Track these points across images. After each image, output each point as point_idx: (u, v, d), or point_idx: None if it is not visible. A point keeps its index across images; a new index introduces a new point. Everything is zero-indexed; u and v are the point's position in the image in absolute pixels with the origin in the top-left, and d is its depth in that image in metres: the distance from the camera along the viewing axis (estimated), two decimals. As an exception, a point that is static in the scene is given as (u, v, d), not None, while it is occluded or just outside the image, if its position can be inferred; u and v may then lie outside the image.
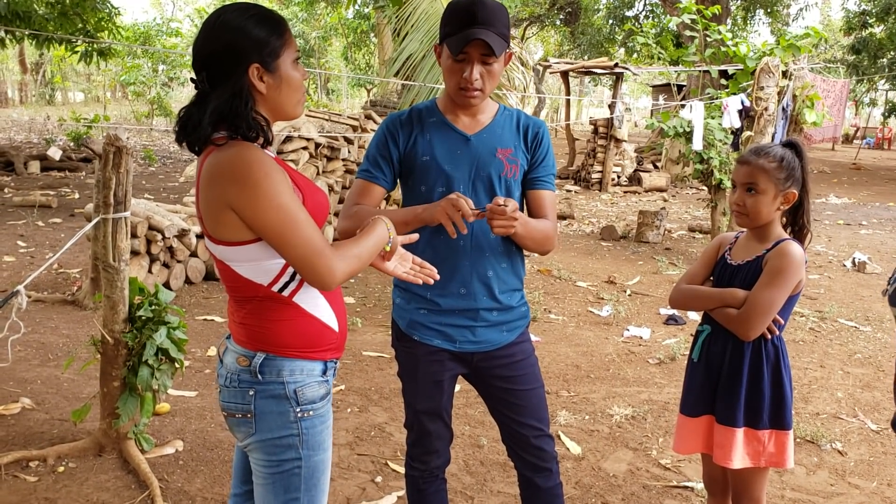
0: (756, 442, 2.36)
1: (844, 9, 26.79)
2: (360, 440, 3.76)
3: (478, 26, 2.05)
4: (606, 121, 14.95)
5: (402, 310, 2.33)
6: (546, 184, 2.29)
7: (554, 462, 2.45)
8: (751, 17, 26.32)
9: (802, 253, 2.33)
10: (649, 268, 8.08)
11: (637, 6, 28.34)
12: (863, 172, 21.38)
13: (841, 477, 3.56)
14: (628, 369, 4.96)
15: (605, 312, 6.30)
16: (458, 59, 2.11)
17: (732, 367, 2.37)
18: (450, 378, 2.35)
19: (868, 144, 32.51)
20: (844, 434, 4.02)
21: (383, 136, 2.26)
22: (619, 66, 15.27)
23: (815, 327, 6.00)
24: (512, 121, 2.29)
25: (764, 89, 7.33)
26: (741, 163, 2.38)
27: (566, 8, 28.94)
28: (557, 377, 4.76)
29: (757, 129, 7.30)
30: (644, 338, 5.67)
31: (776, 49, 8.70)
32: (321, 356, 1.84)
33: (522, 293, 2.38)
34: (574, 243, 9.41)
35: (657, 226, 9.62)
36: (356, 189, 2.26)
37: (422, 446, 2.42)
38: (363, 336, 5.35)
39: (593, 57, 24.67)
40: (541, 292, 6.80)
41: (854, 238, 10.36)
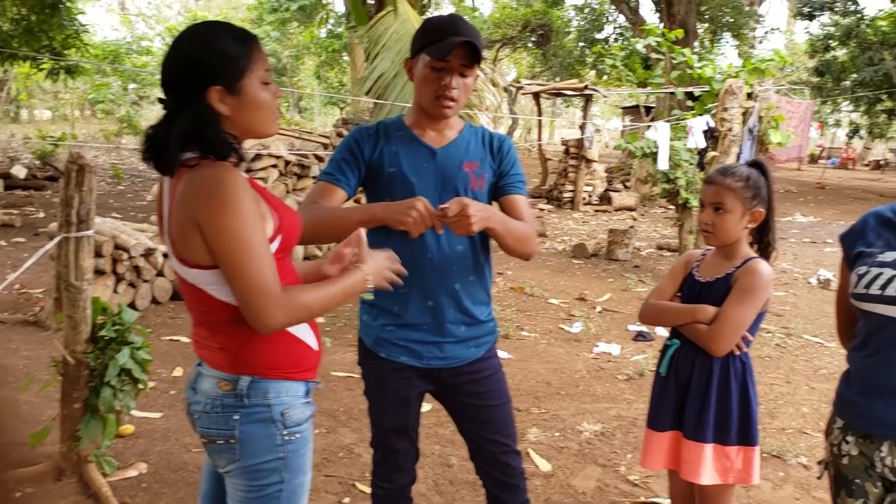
0: (724, 458, 2.38)
1: (808, 32, 27.34)
2: (327, 461, 3.72)
3: (461, 35, 2.08)
4: (577, 141, 15.07)
5: (369, 327, 2.31)
6: (517, 189, 2.29)
7: (521, 478, 2.44)
8: (717, 40, 26.79)
9: (771, 271, 2.37)
10: (619, 285, 8.13)
11: (606, 29, 28.75)
12: (828, 192, 21.74)
13: (806, 491, 3.58)
14: (598, 385, 4.97)
15: (576, 329, 6.32)
16: (438, 67, 2.11)
17: (701, 382, 2.39)
18: (416, 395, 2.34)
19: (833, 164, 33.05)
20: (809, 448, 4.05)
21: (350, 143, 2.25)
22: (588, 87, 15.42)
23: (782, 343, 6.06)
24: (478, 136, 2.30)
25: (728, 110, 7.42)
26: (709, 183, 2.41)
27: (538, 30, 29.30)
28: (528, 394, 4.75)
29: (722, 149, 7.38)
30: (614, 354, 5.69)
31: (741, 72, 8.84)
32: (303, 377, 1.81)
33: (490, 308, 2.38)
34: (546, 261, 9.45)
35: (627, 244, 9.70)
36: (317, 189, 2.22)
37: (388, 465, 2.40)
38: (332, 356, 5.31)
39: (564, 78, 24.92)
40: (513, 309, 6.81)
41: (819, 256, 10.51)
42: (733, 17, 24.35)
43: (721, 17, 24.72)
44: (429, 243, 2.17)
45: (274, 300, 1.62)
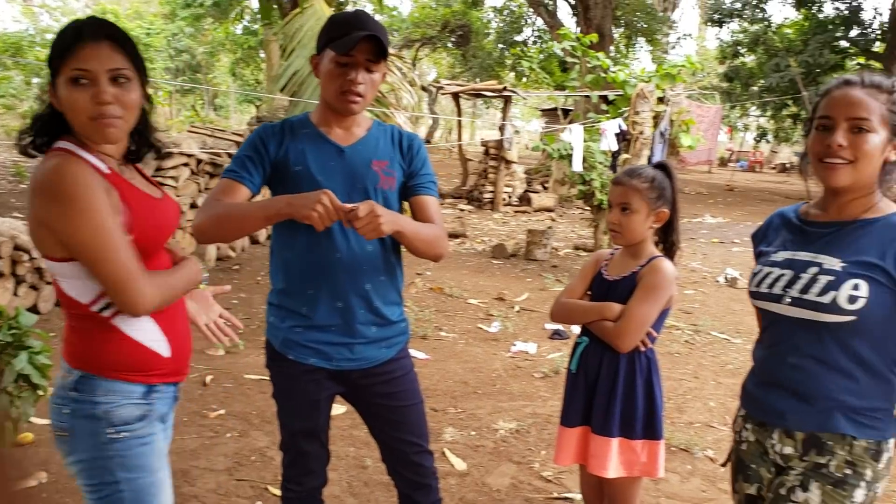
0: (630, 452, 2.43)
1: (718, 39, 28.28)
2: (239, 465, 3.65)
3: (366, 30, 2.06)
4: (497, 142, 15.21)
5: (276, 328, 2.27)
6: (427, 189, 2.28)
7: (433, 478, 2.45)
8: (633, 45, 27.44)
9: (674, 269, 2.44)
10: (537, 284, 8.24)
11: (525, 31, 29.09)
12: (736, 194, 22.52)
13: (712, 483, 3.70)
14: (514, 384, 5.02)
15: (494, 329, 6.37)
16: (343, 62, 2.09)
17: (608, 378, 2.44)
18: (326, 398, 2.31)
19: (741, 167, 34.29)
20: (716, 442, 4.19)
21: (255, 140, 2.19)
22: (507, 89, 15.58)
23: (690, 340, 6.25)
24: (387, 134, 2.28)
25: (640, 114, 7.63)
26: (615, 184, 2.48)
27: (457, 31, 29.45)
28: (445, 394, 4.76)
29: (633, 151, 7.59)
30: (530, 352, 5.76)
31: (653, 76, 9.08)
32: (144, 380, 1.78)
33: (402, 308, 2.37)
34: (466, 261, 9.50)
35: (545, 244, 9.84)
36: (220, 187, 2.16)
37: (298, 467, 2.37)
38: (246, 358, 5.22)
39: (484, 79, 25.14)
40: (432, 310, 6.82)
41: (727, 255, 10.87)
42: (647, 22, 24.99)
43: (636, 23, 25.32)
44: (338, 243, 2.14)
45: (142, 281, 1.65)
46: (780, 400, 1.88)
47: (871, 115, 1.75)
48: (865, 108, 1.75)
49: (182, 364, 1.88)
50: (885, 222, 1.80)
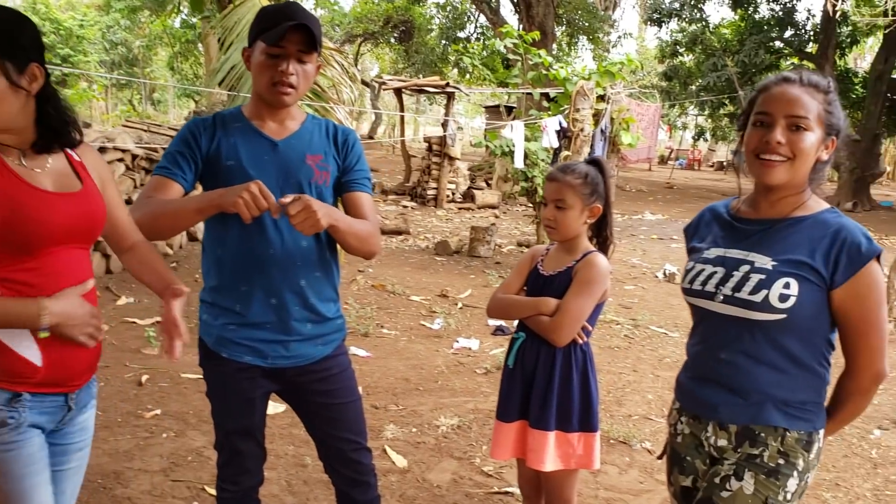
0: (567, 444, 2.45)
1: (658, 38, 28.74)
2: (175, 466, 3.59)
3: (297, 20, 2.03)
4: (440, 139, 15.21)
5: (209, 326, 2.22)
6: (362, 186, 2.26)
7: (372, 475, 2.44)
8: (574, 43, 27.71)
9: (608, 264, 2.47)
10: (480, 281, 8.27)
11: (468, 28, 29.15)
12: (675, 191, 22.97)
13: (650, 474, 3.76)
14: (456, 380, 5.03)
15: (437, 325, 6.37)
16: (274, 53, 2.06)
17: (545, 372, 2.45)
18: (262, 396, 2.28)
19: (680, 165, 34.96)
20: (654, 434, 4.26)
21: (185, 135, 2.15)
22: (450, 85, 15.59)
23: (630, 334, 6.35)
24: (321, 128, 2.26)
25: (580, 111, 7.71)
26: (549, 180, 2.50)
27: (400, 26, 29.35)
28: (387, 391, 4.75)
29: (574, 148, 7.66)
30: (473, 349, 5.78)
31: (593, 74, 9.18)
32: (10, 387, 1.74)
33: (339, 305, 2.35)
34: (409, 258, 9.48)
35: (488, 241, 9.88)
36: (151, 184, 2.11)
37: (233, 467, 2.33)
38: (183, 357, 5.08)
39: (427, 75, 25.09)
40: (374, 307, 6.78)
41: (666, 251, 11.07)
42: (588, 21, 25.23)
43: (577, 21, 25.57)
44: (271, 238, 2.11)
45: None
46: (713, 394, 1.90)
47: (810, 114, 1.76)
48: (804, 107, 1.76)
49: (63, 375, 1.81)
50: (814, 220, 1.82)
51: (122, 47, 32.58)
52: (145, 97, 37.61)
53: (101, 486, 3.33)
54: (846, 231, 1.78)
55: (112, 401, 4.27)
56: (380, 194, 16.25)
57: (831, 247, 1.77)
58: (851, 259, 1.75)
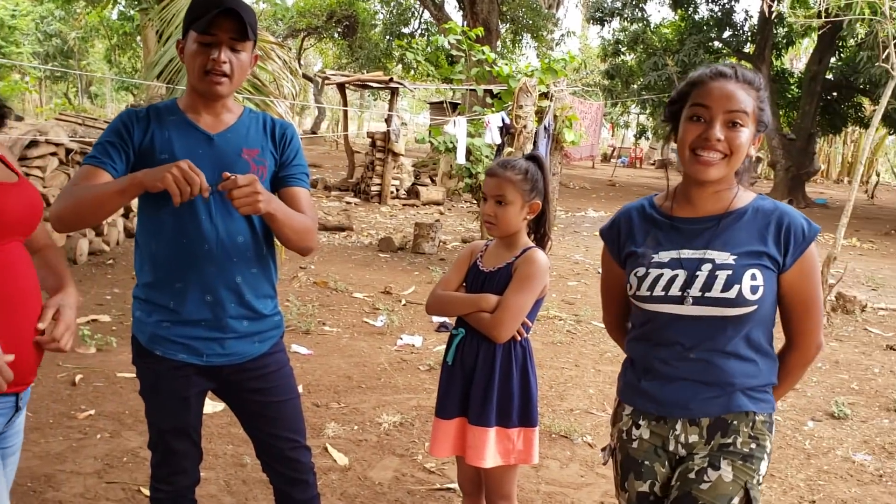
0: (507, 440, 2.46)
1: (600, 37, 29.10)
2: (110, 467, 3.49)
3: (226, 6, 1.99)
4: (384, 134, 15.15)
5: (143, 323, 2.16)
6: (299, 181, 2.22)
7: (310, 473, 2.41)
8: (519, 41, 27.86)
9: (547, 259, 2.47)
10: (424, 277, 8.26)
11: (413, 23, 29.09)
12: (618, 188, 23.30)
13: (590, 468, 3.80)
14: (399, 377, 5.01)
15: (380, 322, 6.34)
16: (205, 41, 2.01)
17: (485, 368, 2.45)
18: (197, 394, 2.23)
19: (623, 163, 35.46)
20: (595, 427, 4.31)
21: (118, 126, 2.08)
22: (394, 81, 15.54)
23: (572, 330, 6.41)
24: (258, 122, 2.21)
25: (522, 108, 7.74)
26: (489, 175, 2.49)
27: (344, 21, 29.13)
28: (328, 389, 4.70)
29: (517, 145, 7.69)
30: (416, 345, 5.77)
31: (536, 71, 9.23)
32: None
33: (276, 301, 2.31)
34: (352, 255, 9.42)
35: (433, 237, 9.88)
36: (80, 174, 2.03)
37: (168, 466, 2.28)
38: (118, 356, 4.99)
39: (371, 71, 24.95)
40: (316, 304, 6.72)
41: (609, 248, 11.20)
42: (532, 19, 25.38)
43: (521, 19, 25.70)
44: (207, 233, 2.06)
45: None
46: (682, 391, 1.88)
47: (747, 110, 1.77)
48: (741, 103, 1.77)
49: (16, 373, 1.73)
50: (753, 209, 1.86)
51: (57, 39, 31.68)
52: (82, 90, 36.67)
53: (32, 489, 3.22)
54: (788, 216, 1.83)
55: (44, 402, 4.14)
56: (323, 190, 16.12)
57: (779, 232, 1.81)
58: (797, 241, 1.81)
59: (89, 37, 32.67)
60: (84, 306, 6.07)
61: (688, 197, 1.91)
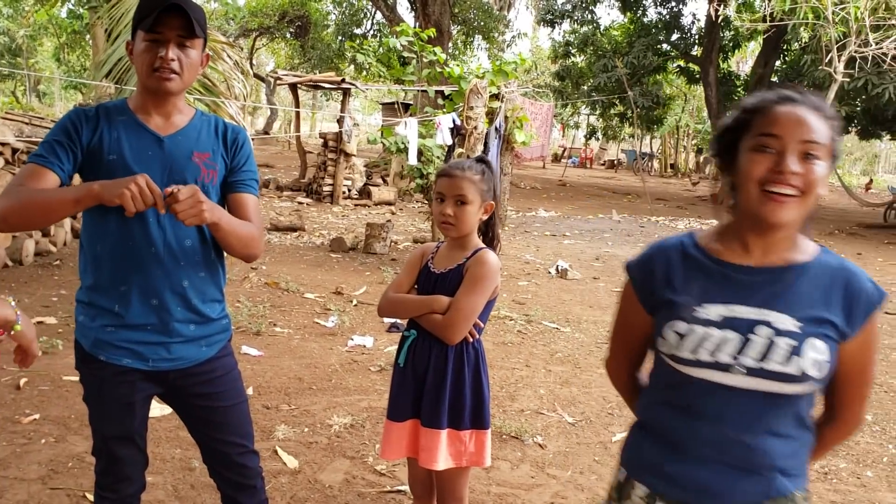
0: (458, 442, 2.47)
1: (551, 38, 29.40)
2: (55, 473, 3.42)
3: (171, 1, 1.97)
4: (336, 135, 15.09)
5: (86, 328, 2.13)
6: (248, 187, 2.21)
7: (259, 478, 2.39)
8: (470, 42, 27.98)
9: (498, 260, 2.49)
10: (376, 278, 8.24)
11: (365, 24, 29.02)
12: (568, 189, 23.55)
13: (541, 469, 3.84)
14: (350, 378, 5.00)
15: (331, 323, 6.32)
16: (153, 39, 1.99)
17: (437, 370, 2.45)
18: (142, 399, 2.20)
19: (573, 163, 35.86)
20: (545, 428, 4.35)
21: (65, 125, 2.04)
22: (346, 81, 15.49)
23: (523, 330, 6.46)
24: (210, 125, 2.19)
25: (473, 109, 7.79)
26: (446, 176, 2.47)
27: (296, 21, 28.95)
28: (279, 391, 4.67)
29: (468, 146, 7.73)
30: (367, 346, 5.76)
31: (487, 73, 9.29)
32: None
33: (224, 305, 2.29)
34: (304, 255, 9.36)
35: (384, 237, 9.87)
36: (25, 172, 1.98)
37: (112, 474, 2.24)
38: (64, 359, 4.88)
39: (324, 71, 24.85)
40: (267, 305, 6.66)
41: (559, 248, 11.33)
42: (484, 20, 25.53)
43: (473, 20, 25.82)
44: (154, 237, 2.04)
45: None
46: (719, 478, 1.60)
47: (823, 140, 1.49)
48: (816, 132, 1.49)
49: None
50: (818, 265, 1.59)
51: (5, 36, 30.91)
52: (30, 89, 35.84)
53: (-29, 497, 3.15)
54: (857, 277, 1.57)
55: (-16, 408, 4.05)
56: (275, 190, 15.99)
57: (846, 296, 1.55)
58: (863, 308, 1.55)
59: (38, 35, 31.93)
60: (30, 308, 5.94)
61: (743, 241, 1.61)
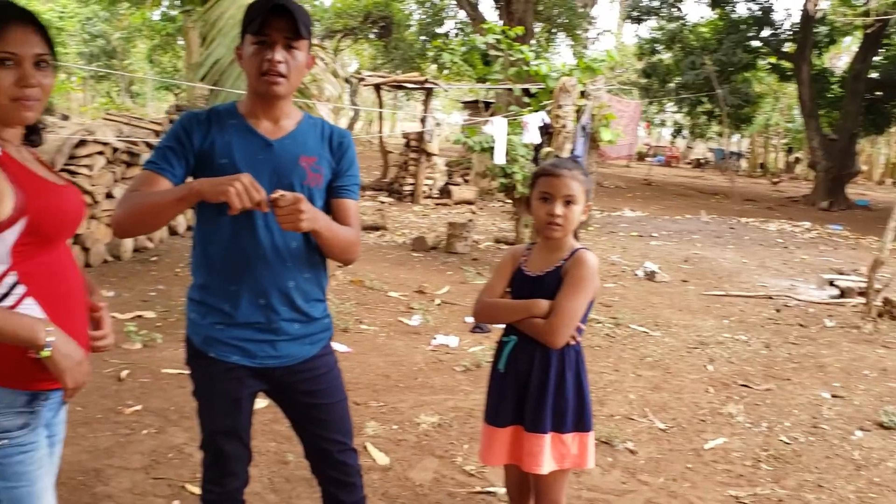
0: (561, 445, 2.44)
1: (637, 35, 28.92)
2: (156, 463, 3.55)
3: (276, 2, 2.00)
4: (418, 134, 15.19)
5: (197, 325, 2.20)
6: (350, 193, 2.23)
7: (358, 476, 2.42)
8: (553, 39, 27.75)
9: (597, 260, 2.45)
10: (458, 277, 8.26)
11: (448, 24, 29.12)
12: (654, 188, 23.13)
13: (632, 475, 3.77)
14: (436, 377, 5.02)
15: (415, 322, 6.36)
16: (260, 41, 2.03)
17: (540, 375, 2.43)
18: (248, 396, 2.25)
19: (658, 162, 35.27)
20: (636, 434, 4.27)
21: (178, 131, 2.11)
22: (429, 81, 15.57)
23: (611, 333, 6.36)
24: (317, 129, 2.22)
25: (562, 107, 7.72)
26: (552, 175, 2.41)
27: (379, 22, 29.26)
28: (367, 387, 4.73)
29: (556, 145, 7.67)
30: (451, 346, 5.77)
31: (575, 70, 9.19)
32: (25, 387, 1.72)
33: (325, 305, 2.33)
34: (386, 254, 9.46)
35: (465, 237, 9.87)
36: (139, 179, 2.07)
37: (218, 468, 2.30)
38: (163, 353, 5.07)
39: (406, 71, 25.02)
40: (352, 303, 6.76)
41: (646, 249, 11.13)
42: (568, 17, 25.27)
43: (556, 18, 25.60)
44: (262, 239, 2.08)
45: None
46: None
47: None
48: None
49: None
50: None
51: (101, 39, 32.23)
52: (123, 89, 37.23)
53: (82, 483, 3.28)
54: None
55: (91, 396, 4.21)
56: (358, 190, 16.18)
57: None
58: None
59: (132, 37, 33.17)
60: (129, 302, 6.18)
61: None
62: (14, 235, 1.65)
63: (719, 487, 3.69)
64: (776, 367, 5.70)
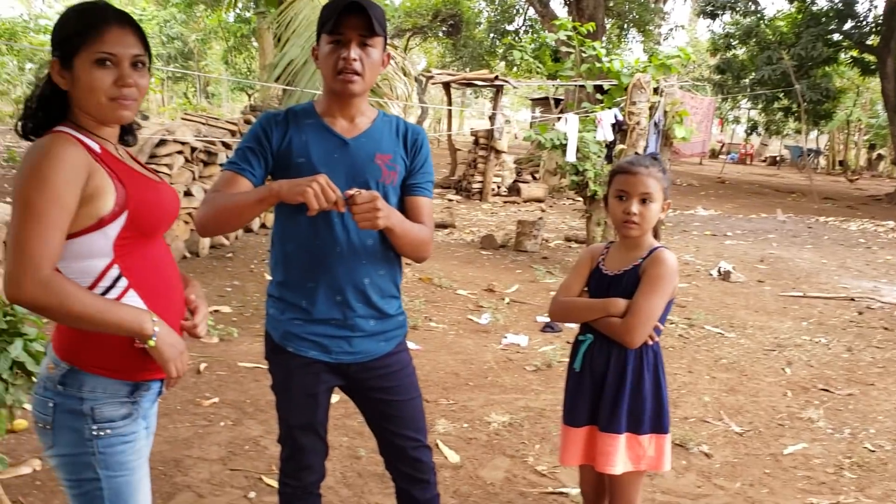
0: (637, 446, 2.41)
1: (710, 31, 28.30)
2: (233, 455, 3.63)
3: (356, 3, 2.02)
4: (487, 132, 15.17)
5: (276, 320, 2.24)
6: (424, 190, 2.24)
7: (431, 473, 2.43)
8: (624, 36, 27.40)
9: (676, 259, 2.40)
10: (527, 276, 8.21)
11: (517, 21, 29.01)
12: (727, 186, 22.59)
13: (707, 479, 3.69)
14: (506, 376, 5.01)
15: (485, 320, 6.35)
16: (336, 39, 2.05)
17: (616, 374, 2.40)
18: (325, 391, 2.28)
19: (732, 160, 34.39)
20: (711, 437, 4.18)
21: (257, 131, 2.15)
22: (499, 78, 15.52)
23: (684, 334, 6.24)
24: (391, 127, 2.24)
25: (636, 104, 7.61)
26: (629, 173, 2.38)
27: (448, 20, 29.34)
28: (437, 385, 4.75)
29: (629, 142, 7.56)
30: (522, 345, 5.74)
31: (648, 67, 9.04)
32: (129, 377, 1.77)
33: (400, 301, 2.34)
34: (455, 252, 9.47)
35: (535, 235, 9.80)
36: (221, 180, 2.13)
37: (295, 462, 2.34)
38: (239, 346, 5.18)
39: (475, 69, 25.05)
40: (422, 300, 6.79)
41: (720, 248, 10.88)
42: (639, 13, 24.93)
43: (628, 14, 25.26)
44: (338, 237, 2.11)
45: (31, 272, 1.57)
46: None
47: None
48: None
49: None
50: None
51: (178, 41, 33.14)
52: (200, 90, 38.21)
53: (163, 472, 3.38)
54: None
55: (172, 388, 4.33)
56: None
57: None
58: None
59: (207, 39, 34.03)
60: (206, 298, 6.31)
61: None
62: (117, 229, 1.70)
63: (800, 495, 3.58)
64: (859, 371, 5.50)
